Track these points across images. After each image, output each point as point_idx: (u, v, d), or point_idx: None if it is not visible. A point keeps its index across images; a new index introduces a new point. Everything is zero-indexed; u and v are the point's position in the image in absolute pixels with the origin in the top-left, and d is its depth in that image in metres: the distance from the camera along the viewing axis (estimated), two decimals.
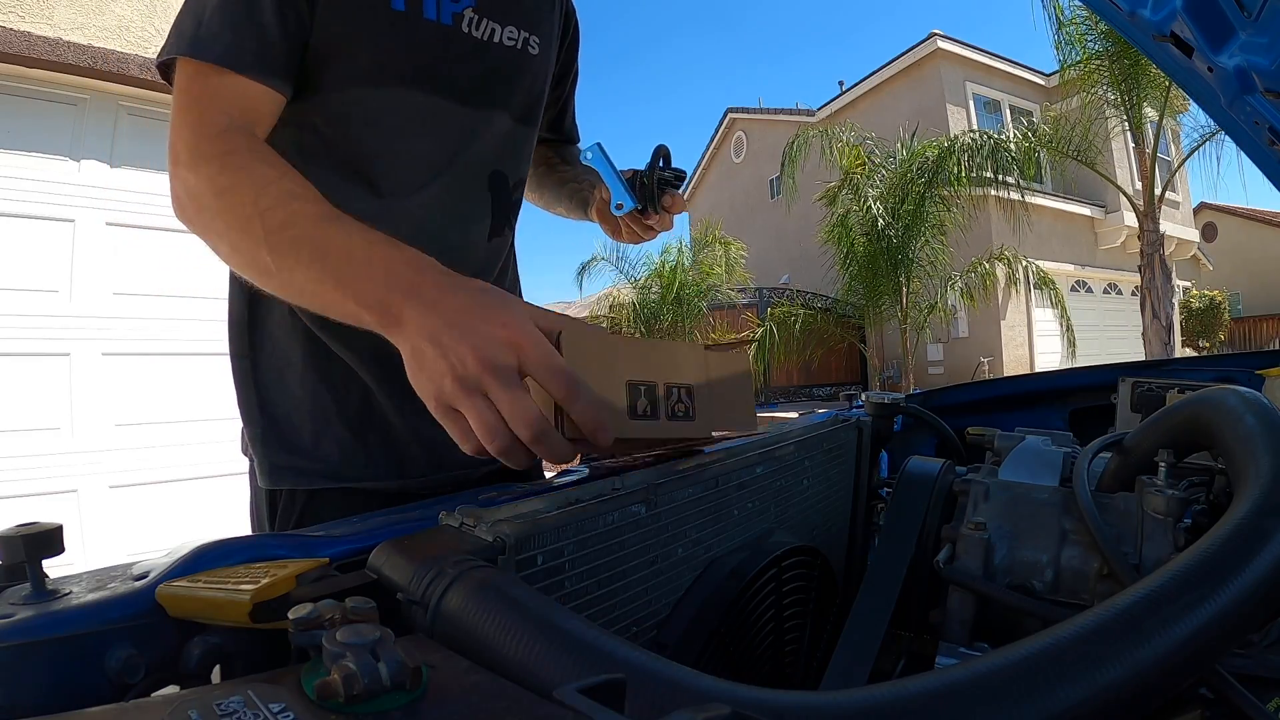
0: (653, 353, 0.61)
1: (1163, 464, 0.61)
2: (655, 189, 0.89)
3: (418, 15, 0.77)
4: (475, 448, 0.50)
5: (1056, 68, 8.65)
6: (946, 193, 9.07)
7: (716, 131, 19.03)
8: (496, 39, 0.84)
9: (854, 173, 9.37)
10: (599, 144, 0.83)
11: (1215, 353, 14.30)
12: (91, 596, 0.40)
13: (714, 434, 0.66)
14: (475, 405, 0.48)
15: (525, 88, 0.90)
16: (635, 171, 0.90)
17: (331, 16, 0.73)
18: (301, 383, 0.83)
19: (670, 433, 0.61)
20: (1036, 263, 10.01)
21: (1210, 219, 19.77)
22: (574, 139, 1.17)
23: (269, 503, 0.84)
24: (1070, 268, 13.24)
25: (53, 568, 0.41)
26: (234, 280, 0.85)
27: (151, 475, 3.53)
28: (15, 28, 3.31)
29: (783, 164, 10.11)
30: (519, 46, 0.86)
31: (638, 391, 0.58)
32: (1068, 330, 9.78)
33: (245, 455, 0.88)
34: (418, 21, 0.77)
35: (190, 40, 0.68)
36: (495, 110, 0.86)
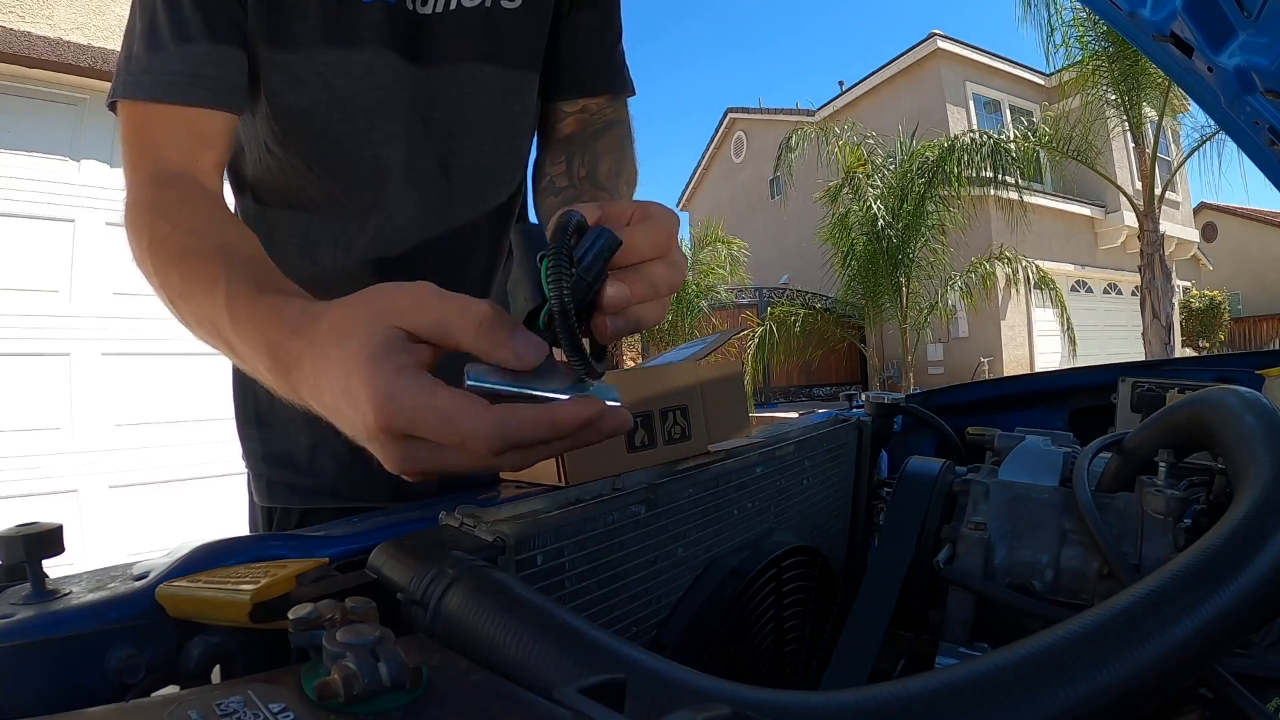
0: (645, 380, 0.62)
1: (1163, 464, 0.61)
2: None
3: (355, 1, 0.68)
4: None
5: (1055, 68, 8.66)
6: (946, 193, 9.07)
7: (716, 131, 19.04)
8: (453, 5, 0.72)
9: (856, 172, 9.37)
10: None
11: (1215, 353, 14.31)
12: (91, 596, 0.40)
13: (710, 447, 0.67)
14: (424, 465, 0.38)
15: (500, 43, 0.76)
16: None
17: (258, 20, 0.66)
18: None
19: (669, 456, 0.62)
20: (1036, 263, 10.01)
21: (1210, 219, 19.77)
22: (602, 91, 0.85)
23: (265, 519, 0.82)
24: (1070, 268, 13.24)
25: (53, 568, 0.41)
26: None
27: (151, 475, 3.53)
28: (15, 28, 3.31)
29: (778, 160, 10.12)
30: (487, 4, 0.74)
31: (634, 424, 0.59)
32: (1068, 330, 9.78)
33: (245, 460, 0.86)
34: (356, 7, 0.68)
35: (123, 79, 0.62)
36: (465, 63, 0.74)
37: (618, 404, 0.37)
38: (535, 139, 0.86)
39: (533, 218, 0.87)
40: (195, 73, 0.61)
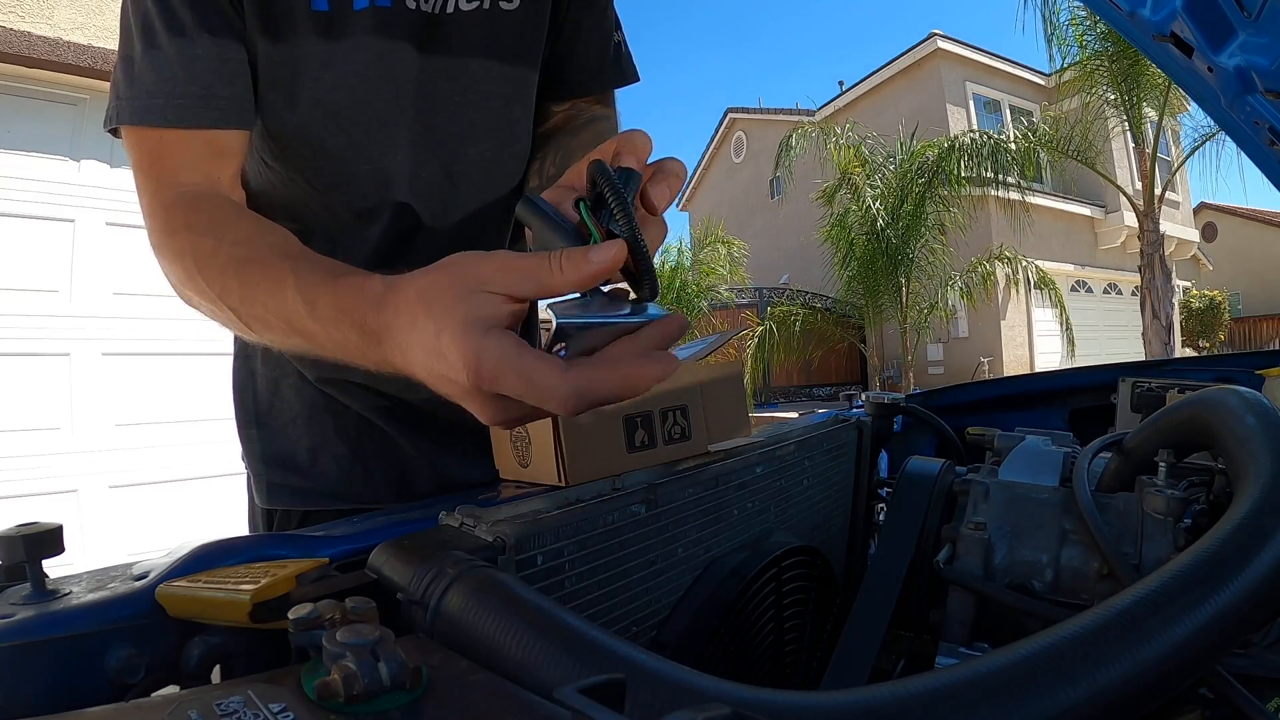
0: None
1: (1163, 464, 0.61)
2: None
3: (346, 10, 0.65)
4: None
5: (1055, 69, 8.66)
6: (946, 193, 9.07)
7: (716, 131, 19.03)
8: (451, 9, 0.70)
9: (851, 173, 9.38)
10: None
11: (1215, 353, 14.31)
12: (91, 596, 0.40)
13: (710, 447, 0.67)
14: (515, 417, 0.42)
15: (501, 46, 0.74)
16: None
17: (253, 33, 0.63)
18: (298, 394, 0.80)
19: (669, 456, 0.62)
20: (1036, 263, 10.01)
21: (1210, 219, 19.77)
22: (600, 88, 0.85)
23: (265, 520, 0.82)
24: (1070, 268, 13.24)
25: (53, 568, 0.41)
26: None
27: (151, 475, 3.53)
28: (15, 28, 3.32)
29: (777, 160, 10.11)
30: (486, 6, 0.72)
31: (634, 424, 0.59)
32: (1067, 330, 9.78)
33: (244, 461, 0.85)
34: (347, 15, 0.65)
35: (129, 103, 0.59)
36: (467, 68, 0.73)
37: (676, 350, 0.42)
38: None
39: None
40: (208, 93, 0.60)
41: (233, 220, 0.58)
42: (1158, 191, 8.53)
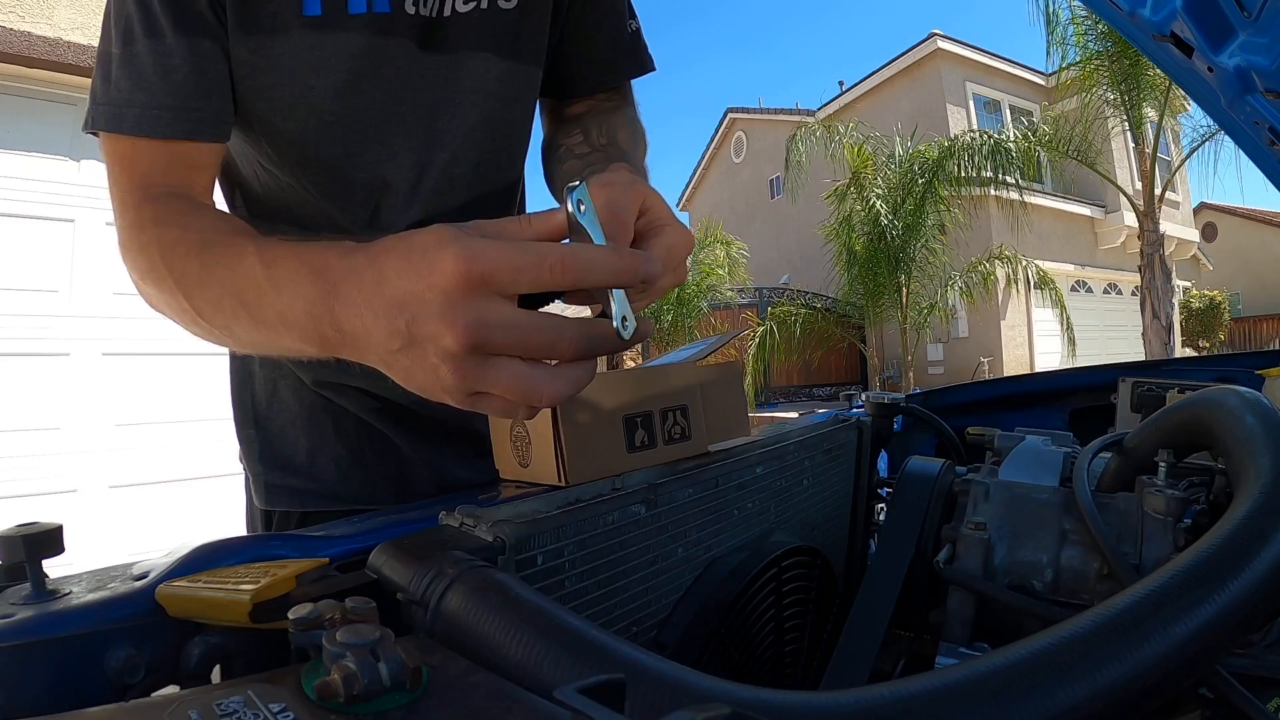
0: (645, 380, 0.62)
1: (1163, 464, 0.61)
2: None
3: (340, 14, 0.63)
4: (527, 414, 0.42)
5: (1055, 68, 8.67)
6: (947, 193, 9.08)
7: (716, 131, 19.03)
8: (448, 11, 0.68)
9: (862, 172, 9.39)
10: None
11: (1215, 353, 14.30)
12: (91, 596, 0.40)
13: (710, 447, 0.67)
14: (492, 379, 0.38)
15: (501, 47, 0.73)
16: None
17: (237, 43, 0.61)
18: (296, 396, 0.80)
19: (668, 456, 0.62)
20: (1036, 263, 10.02)
21: (1210, 219, 19.78)
22: (606, 86, 0.84)
23: (264, 522, 0.82)
24: (1070, 268, 13.24)
25: (53, 568, 0.41)
26: None
27: (151, 475, 3.53)
28: (15, 28, 3.32)
29: (787, 159, 10.11)
30: (484, 7, 0.70)
31: (634, 424, 0.59)
32: (1067, 330, 9.79)
33: (242, 462, 0.85)
34: (341, 20, 0.63)
35: (105, 109, 0.59)
36: (466, 70, 0.72)
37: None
38: (543, 123, 0.86)
39: (542, 188, 0.86)
40: (182, 106, 0.59)
41: (201, 213, 0.57)
42: (1158, 191, 8.54)
